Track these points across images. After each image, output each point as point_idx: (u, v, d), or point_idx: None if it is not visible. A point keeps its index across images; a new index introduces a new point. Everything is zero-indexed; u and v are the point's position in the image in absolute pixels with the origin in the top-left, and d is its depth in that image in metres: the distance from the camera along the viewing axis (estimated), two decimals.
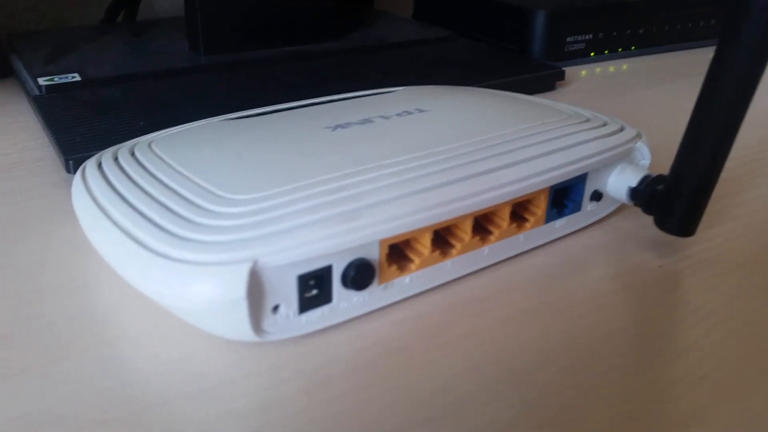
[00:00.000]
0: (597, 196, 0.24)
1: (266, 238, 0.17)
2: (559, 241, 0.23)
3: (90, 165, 0.22)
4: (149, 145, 0.23)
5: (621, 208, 0.25)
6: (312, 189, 0.18)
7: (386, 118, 0.24)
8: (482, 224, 0.21)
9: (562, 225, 0.23)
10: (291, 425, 0.16)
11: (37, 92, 0.33)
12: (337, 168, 0.19)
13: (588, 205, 0.24)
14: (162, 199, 0.19)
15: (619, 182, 0.23)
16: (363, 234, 0.17)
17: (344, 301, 0.19)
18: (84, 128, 0.29)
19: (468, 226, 0.20)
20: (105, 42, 0.41)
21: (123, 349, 0.18)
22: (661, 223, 0.22)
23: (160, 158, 0.21)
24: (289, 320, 0.18)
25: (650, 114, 0.37)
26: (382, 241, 0.18)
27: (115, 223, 0.18)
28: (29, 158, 0.29)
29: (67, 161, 0.26)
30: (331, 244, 0.17)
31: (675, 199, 0.21)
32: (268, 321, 0.17)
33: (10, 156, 0.29)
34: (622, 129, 0.25)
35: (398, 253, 0.20)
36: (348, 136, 0.22)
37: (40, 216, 0.24)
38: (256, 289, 0.16)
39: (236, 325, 0.17)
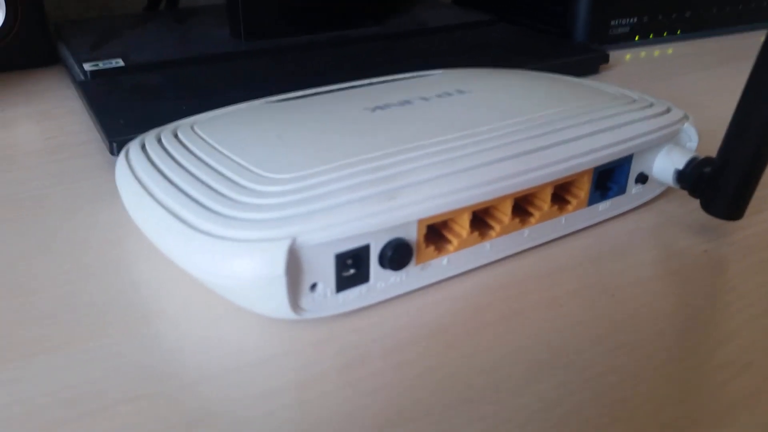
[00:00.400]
0: (642, 178, 0.23)
1: (305, 216, 0.17)
2: (602, 224, 0.23)
3: (134, 146, 0.22)
4: (192, 127, 0.23)
5: (667, 192, 0.25)
6: (351, 168, 0.18)
7: (426, 99, 0.23)
8: (522, 206, 0.21)
9: (606, 208, 0.23)
10: (328, 402, 0.16)
11: (82, 78, 0.34)
12: (376, 148, 0.19)
13: (633, 188, 0.23)
14: (204, 178, 0.19)
15: (666, 164, 0.23)
16: (402, 213, 0.17)
17: (381, 281, 0.18)
18: (127, 112, 0.29)
19: (508, 207, 0.20)
20: (148, 29, 0.42)
21: (163, 327, 0.18)
22: (708, 207, 0.21)
23: (203, 139, 0.21)
24: (326, 299, 0.18)
25: (696, 98, 0.36)
26: (420, 221, 0.18)
27: (159, 202, 0.19)
28: (74, 141, 0.30)
29: (111, 143, 0.26)
30: (370, 223, 0.17)
31: (722, 182, 0.21)
32: (306, 299, 0.17)
33: (56, 139, 0.30)
34: (668, 110, 0.24)
35: (436, 233, 0.20)
36: (387, 117, 0.22)
37: (85, 197, 0.25)
38: (294, 266, 0.17)
39: (275, 302, 0.17)
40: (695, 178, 0.22)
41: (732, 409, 0.15)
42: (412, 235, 0.18)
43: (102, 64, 0.34)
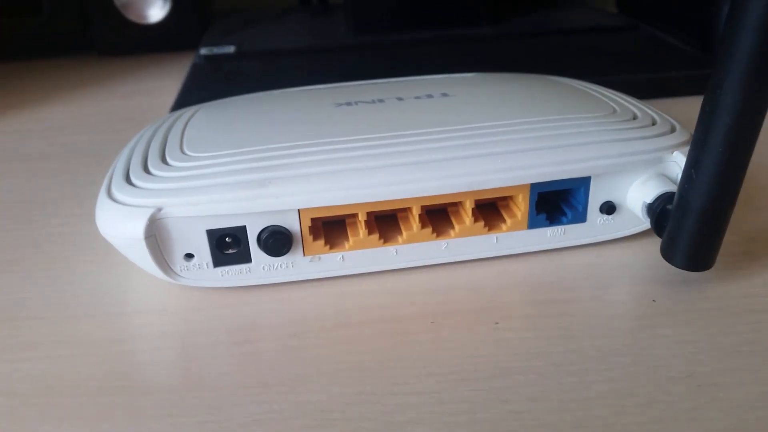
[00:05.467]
0: (609, 208, 0.20)
1: (177, 191, 0.18)
2: (556, 252, 0.21)
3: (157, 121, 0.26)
4: (202, 108, 0.26)
5: None
6: (250, 155, 0.19)
7: (401, 99, 0.23)
8: (447, 217, 0.20)
9: (557, 235, 0.20)
10: (143, 359, 0.17)
11: (197, 61, 0.39)
12: (290, 139, 0.20)
13: (598, 218, 0.20)
14: (151, 150, 0.21)
15: (638, 195, 0.20)
16: (271, 201, 0.18)
17: (264, 265, 0.19)
18: (207, 93, 0.33)
19: (414, 214, 0.19)
20: (282, 21, 0.46)
21: (76, 267, 0.21)
22: (664, 251, 0.18)
23: (190, 118, 0.24)
24: (203, 270, 0.19)
25: None
26: (303, 212, 0.19)
27: (112, 166, 0.22)
28: (161, 114, 0.34)
29: None
30: (236, 206, 0.18)
31: (679, 222, 0.18)
32: (180, 266, 0.19)
33: (153, 111, 0.35)
34: (672, 130, 0.21)
35: (339, 230, 0.20)
36: (341, 113, 0.22)
37: None
38: (163, 234, 0.18)
39: (146, 262, 0.19)
40: (658, 216, 0.19)
41: None
42: (294, 225, 0.19)
43: (216, 50, 0.39)
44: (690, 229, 0.17)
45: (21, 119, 0.35)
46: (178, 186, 0.18)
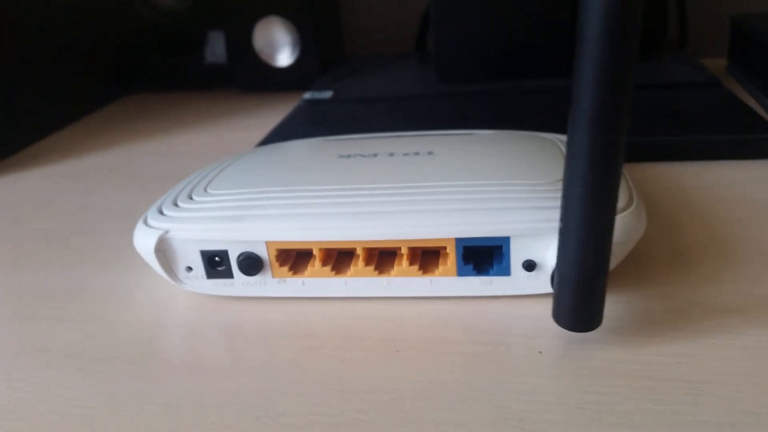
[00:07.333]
0: (529, 266, 0.23)
1: (183, 220, 0.24)
2: (485, 299, 0.24)
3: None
4: (252, 152, 0.32)
5: None
6: (240, 195, 0.25)
7: (391, 155, 0.28)
8: (393, 258, 0.24)
9: (485, 284, 0.23)
10: (156, 339, 0.23)
11: (300, 104, 0.45)
12: (278, 183, 0.25)
13: (522, 273, 0.23)
14: (188, 186, 0.28)
15: (553, 258, 0.22)
16: (241, 233, 0.24)
17: (243, 281, 0.25)
18: (293, 134, 0.40)
19: (360, 253, 0.24)
20: (385, 68, 0.51)
21: (126, 268, 0.28)
22: (552, 311, 0.21)
23: (236, 160, 0.30)
24: (200, 280, 0.25)
25: None
26: (269, 243, 0.24)
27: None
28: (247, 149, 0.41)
29: None
30: (217, 234, 0.24)
31: (557, 287, 0.20)
32: (183, 275, 0.25)
33: (252, 143, 0.42)
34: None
35: (303, 259, 0.25)
36: (334, 164, 0.27)
37: None
38: (169, 250, 0.25)
39: (158, 269, 0.25)
40: (551, 278, 0.21)
41: None
42: (263, 253, 0.24)
43: (317, 95, 0.45)
44: (563, 294, 0.20)
45: (158, 143, 0.45)
46: (185, 215, 0.25)
